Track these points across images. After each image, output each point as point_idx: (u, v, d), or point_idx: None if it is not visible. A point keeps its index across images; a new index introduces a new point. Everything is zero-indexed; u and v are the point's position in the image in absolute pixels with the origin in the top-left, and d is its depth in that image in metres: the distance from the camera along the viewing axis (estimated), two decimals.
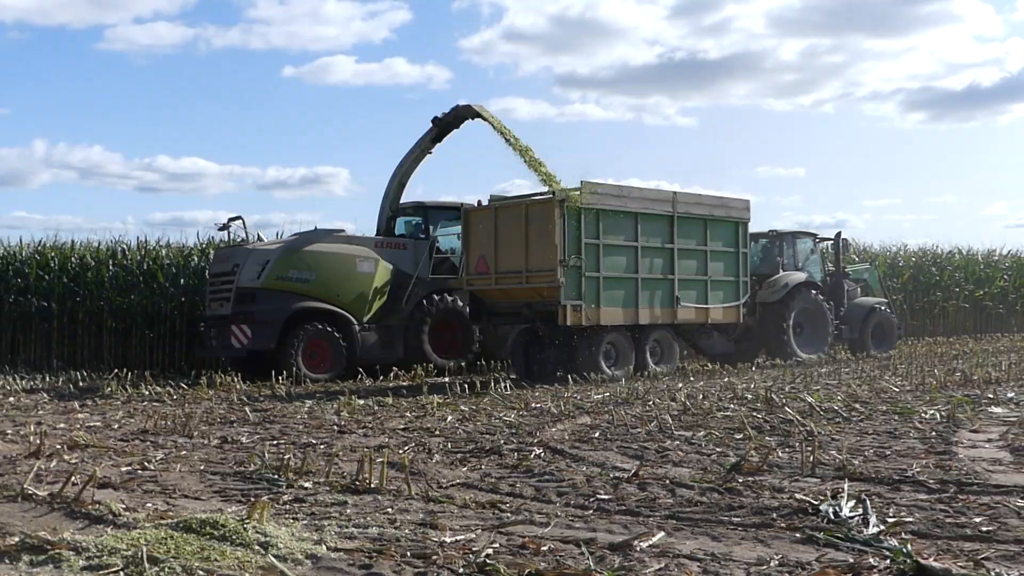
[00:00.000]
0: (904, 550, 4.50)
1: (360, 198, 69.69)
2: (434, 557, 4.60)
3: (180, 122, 69.55)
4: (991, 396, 11.94)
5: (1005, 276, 35.47)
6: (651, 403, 11.73)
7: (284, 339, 17.60)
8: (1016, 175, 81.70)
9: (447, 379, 16.60)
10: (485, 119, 19.65)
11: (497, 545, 4.84)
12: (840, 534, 4.97)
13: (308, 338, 17.81)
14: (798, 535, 5.05)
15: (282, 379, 16.41)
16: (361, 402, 12.53)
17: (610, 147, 75.31)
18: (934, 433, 8.85)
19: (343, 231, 19.27)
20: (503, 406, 11.99)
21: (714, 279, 18.41)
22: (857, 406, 10.97)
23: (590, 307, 16.41)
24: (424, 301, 19.01)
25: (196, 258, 22.63)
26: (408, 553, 4.69)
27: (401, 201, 20.56)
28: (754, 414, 10.44)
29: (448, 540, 4.95)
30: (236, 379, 16.03)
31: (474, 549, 4.74)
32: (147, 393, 14.70)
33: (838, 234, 22.81)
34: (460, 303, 19.15)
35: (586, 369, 16.36)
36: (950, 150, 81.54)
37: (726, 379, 15.75)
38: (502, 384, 14.55)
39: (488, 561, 4.46)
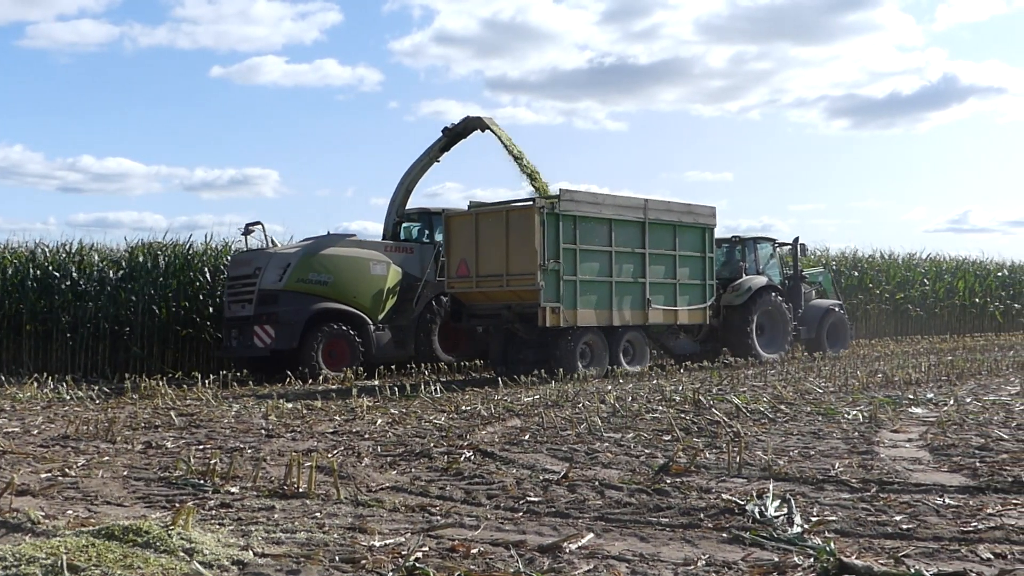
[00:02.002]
0: (827, 548, 4.58)
1: (289, 200, 68.96)
2: (363, 561, 4.58)
3: (105, 122, 68.32)
4: (911, 397, 12.22)
5: (925, 279, 36.32)
6: (581, 405, 11.79)
7: (305, 339, 18.23)
8: (935, 181, 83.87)
9: (377, 382, 16.53)
10: (493, 131, 20.46)
11: (427, 548, 4.83)
12: (765, 534, 5.04)
13: (327, 338, 18.47)
14: (725, 535, 5.12)
15: (217, 380, 16.20)
16: (290, 406, 12.39)
17: (541, 151, 75.72)
18: (857, 433, 9.03)
19: (355, 235, 19.87)
20: (433, 409, 11.96)
21: (682, 283, 19.21)
22: (782, 407, 11.15)
23: (567, 309, 17.09)
24: (432, 302, 19.81)
25: (125, 260, 22.18)
26: (337, 557, 4.65)
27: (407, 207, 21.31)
28: (682, 416, 10.55)
29: (377, 544, 4.92)
30: (161, 383, 15.76)
31: (403, 553, 4.72)
32: (69, 398, 14.38)
33: (796, 239, 23.55)
34: None
35: (562, 368, 16.89)
36: (872, 156, 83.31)
37: (655, 381, 15.89)
38: (432, 387, 14.51)
39: (417, 565, 4.45)
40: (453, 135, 21.06)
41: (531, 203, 17.14)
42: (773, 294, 21.74)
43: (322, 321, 18.48)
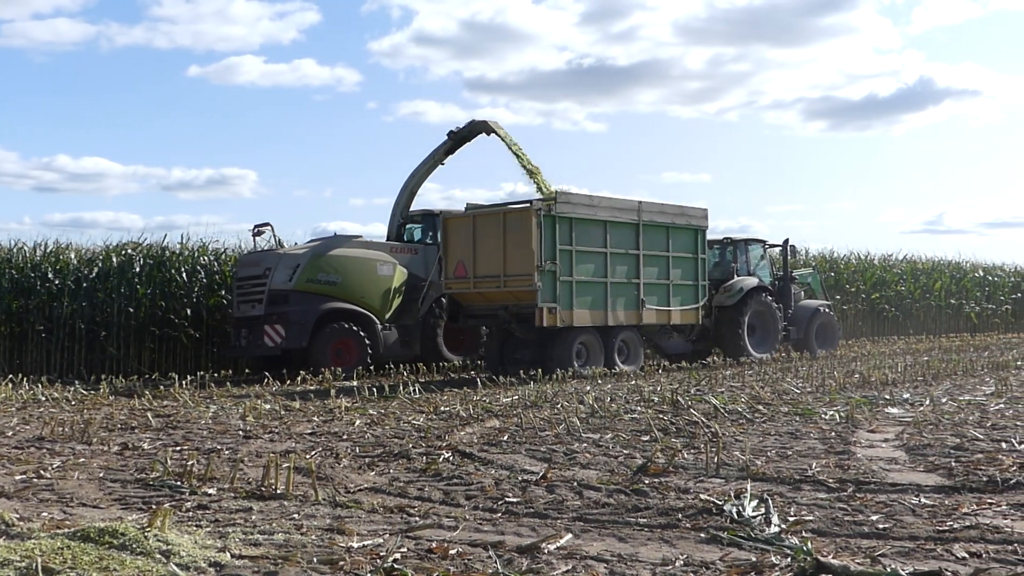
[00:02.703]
0: (804, 548, 4.60)
1: (267, 200, 68.73)
2: (341, 563, 4.56)
3: (81, 121, 67.89)
4: (888, 397, 12.30)
5: (901, 280, 36.55)
6: (559, 406, 11.79)
7: (314, 338, 18.60)
8: (911, 183, 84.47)
9: (355, 383, 16.49)
10: (498, 135, 20.97)
11: (405, 550, 4.82)
12: (743, 533, 5.06)
13: (336, 337, 18.84)
14: (703, 535, 5.13)
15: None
16: (267, 407, 12.34)
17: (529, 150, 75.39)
18: (833, 433, 9.08)
19: (360, 237, 20.19)
20: (412, 410, 11.94)
21: (675, 283, 19.58)
22: (760, 407, 11.20)
23: (564, 309, 17.45)
24: (437, 302, 20.16)
25: (101, 260, 22.01)
26: (315, 559, 4.63)
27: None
28: (660, 416, 10.57)
29: (355, 545, 4.90)
30: (138, 384, 15.67)
31: (382, 554, 4.71)
32: (44, 399, 14.27)
33: (786, 241, 23.99)
34: None
35: (559, 367, 17.11)
36: (849, 158, 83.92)
37: (633, 382, 15.92)
38: (411, 388, 14.49)
39: (396, 566, 4.44)
40: (458, 138, 21.49)
41: (528, 205, 17.46)
42: (764, 295, 22.09)
43: (331, 320, 18.82)
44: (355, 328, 18.99)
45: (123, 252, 21.79)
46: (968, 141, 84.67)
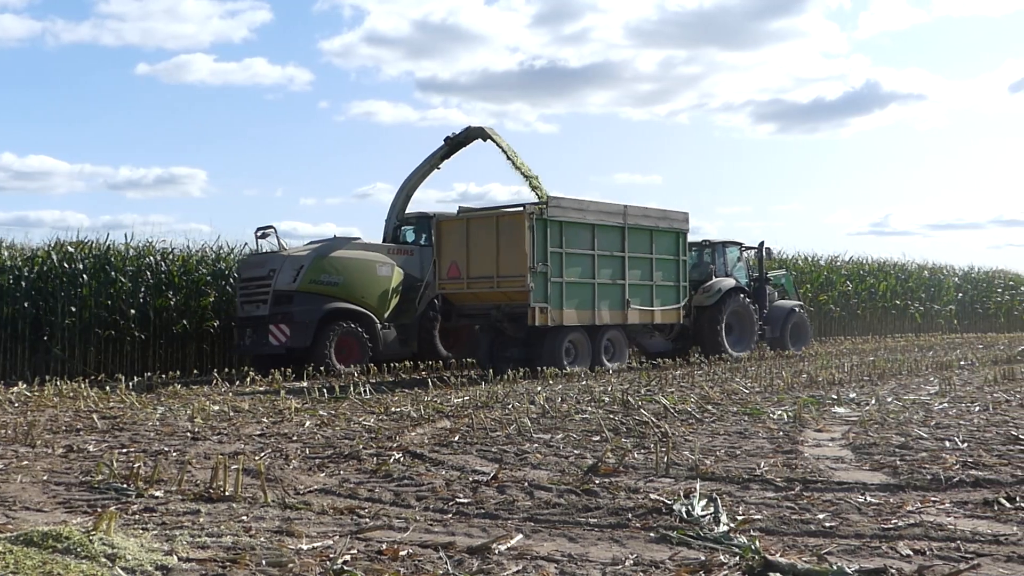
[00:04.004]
0: (753, 547, 4.65)
1: (217, 199, 68.01)
2: (290, 565, 4.53)
3: (26, 119, 66.63)
4: (834, 397, 12.46)
5: (847, 281, 37.03)
6: (511, 406, 11.80)
7: (318, 337, 19.18)
8: (857, 185, 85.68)
9: (305, 383, 16.38)
10: (494, 140, 21.64)
11: (355, 551, 4.80)
12: (692, 533, 5.10)
13: (338, 336, 19.40)
14: (652, 535, 5.16)
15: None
16: (216, 408, 12.22)
17: (472, 152, 75.42)
18: (781, 433, 9.18)
19: (359, 239, 20.89)
20: (362, 410, 11.88)
21: (658, 284, 20.36)
22: (710, 407, 11.29)
23: (554, 309, 18.14)
24: (434, 302, 20.81)
25: (42, 260, 21.61)
26: (264, 561, 4.60)
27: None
28: (611, 416, 10.62)
29: (305, 547, 4.87)
30: (84, 385, 15.43)
31: (331, 556, 4.68)
32: None
33: (762, 243, 25.02)
34: None
35: (549, 365, 17.74)
36: (797, 161, 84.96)
37: (584, 382, 15.98)
38: (361, 388, 14.42)
39: (345, 568, 4.42)
40: (454, 144, 22.29)
41: (521, 209, 18.05)
42: (741, 295, 22.94)
43: (334, 320, 19.42)
44: (357, 327, 19.60)
45: (63, 251, 21.36)
46: (913, 144, 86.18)
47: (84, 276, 20.80)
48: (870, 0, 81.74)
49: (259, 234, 21.05)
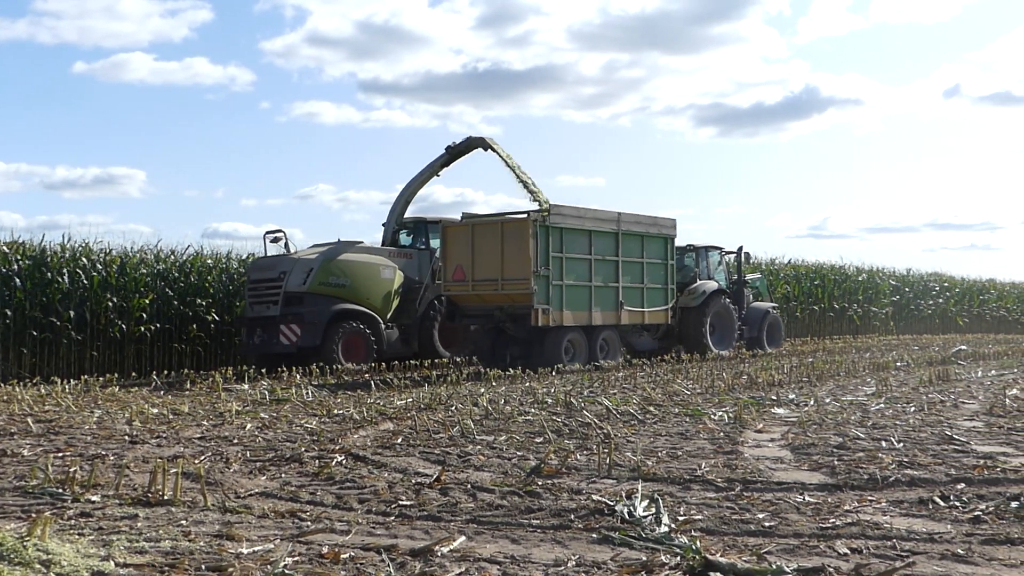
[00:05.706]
0: (693, 547, 4.69)
1: (156, 200, 67.00)
2: (230, 569, 4.48)
3: None
4: (774, 398, 12.62)
5: (787, 284, 37.49)
6: (453, 408, 11.79)
7: (327, 336, 20.03)
8: (797, 189, 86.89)
9: (246, 386, 16.21)
10: (494, 150, 22.33)
11: (296, 555, 4.76)
12: (634, 533, 5.13)
13: (346, 335, 20.33)
14: (595, 535, 5.19)
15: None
16: (155, 411, 12.04)
17: (416, 154, 75.59)
18: (722, 434, 9.27)
19: (362, 242, 21.79)
20: (304, 413, 11.79)
21: (649, 287, 21.65)
22: (651, 409, 11.37)
23: (555, 310, 19.33)
24: (434, 303, 21.92)
25: None
26: (203, 566, 4.54)
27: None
28: (554, 418, 10.65)
29: (245, 551, 4.82)
30: (18, 388, 15.12)
31: (272, 560, 4.64)
32: None
33: (740, 248, 26.21)
34: None
35: (549, 362, 18.94)
36: (738, 164, 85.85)
37: (527, 384, 16.01)
38: (303, 390, 14.31)
39: (287, 572, 4.39)
40: (455, 152, 23.07)
41: (526, 216, 19.26)
42: (723, 297, 24.20)
43: (341, 320, 20.34)
44: (363, 327, 20.54)
45: None
46: (851, 149, 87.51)
47: (18, 279, 20.36)
48: (809, 6, 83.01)
49: (270, 238, 21.65)
